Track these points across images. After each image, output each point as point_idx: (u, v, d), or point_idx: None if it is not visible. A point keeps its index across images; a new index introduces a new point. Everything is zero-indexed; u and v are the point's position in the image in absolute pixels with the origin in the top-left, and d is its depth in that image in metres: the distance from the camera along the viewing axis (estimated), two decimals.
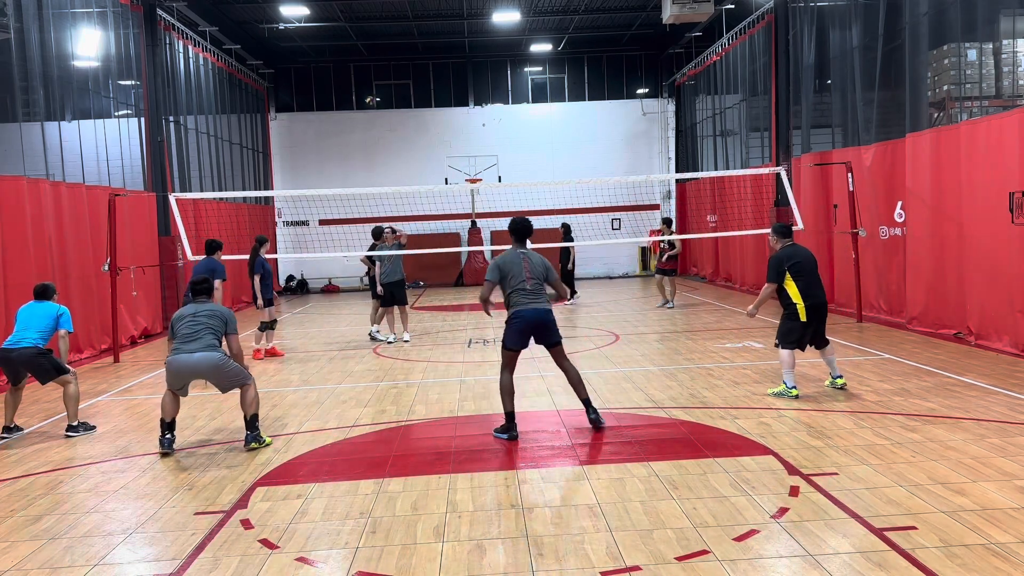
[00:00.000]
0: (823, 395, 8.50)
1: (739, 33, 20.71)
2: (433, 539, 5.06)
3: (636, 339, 13.00)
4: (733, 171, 20.08)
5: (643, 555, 4.66)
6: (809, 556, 4.54)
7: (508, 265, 7.38)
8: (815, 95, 17.27)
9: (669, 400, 8.59)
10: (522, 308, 7.31)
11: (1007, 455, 6.19)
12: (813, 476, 5.89)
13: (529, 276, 7.33)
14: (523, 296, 7.32)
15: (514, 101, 27.83)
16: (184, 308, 7.57)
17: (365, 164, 26.95)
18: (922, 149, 12.41)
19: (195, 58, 20.16)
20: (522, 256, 7.44)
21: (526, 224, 7.61)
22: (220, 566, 4.78)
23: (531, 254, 7.49)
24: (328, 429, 7.98)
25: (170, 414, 7.28)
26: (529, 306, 7.31)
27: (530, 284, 7.33)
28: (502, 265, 7.39)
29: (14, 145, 12.73)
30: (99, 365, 12.80)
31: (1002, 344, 10.54)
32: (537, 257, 7.51)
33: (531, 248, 7.68)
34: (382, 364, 11.82)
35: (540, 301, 7.38)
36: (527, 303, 7.31)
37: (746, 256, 20.38)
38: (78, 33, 15.21)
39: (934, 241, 12.18)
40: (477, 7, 22.66)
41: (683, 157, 27.09)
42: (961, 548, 4.55)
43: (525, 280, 7.32)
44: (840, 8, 15.82)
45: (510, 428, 7.33)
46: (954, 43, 12.49)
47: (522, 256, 7.44)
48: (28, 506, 6.04)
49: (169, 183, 17.51)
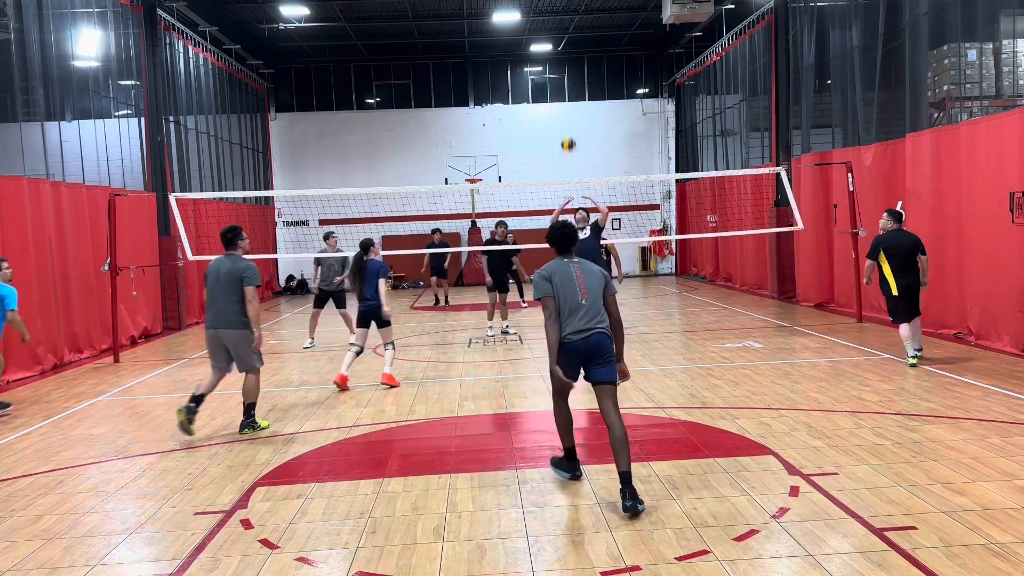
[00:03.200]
0: (823, 395, 8.51)
1: (739, 33, 20.70)
2: (433, 539, 5.06)
3: (636, 339, 13.00)
4: (733, 171, 20.08)
5: (643, 555, 4.66)
6: (809, 556, 4.54)
7: (559, 276, 5.80)
8: (815, 95, 17.27)
9: (669, 400, 8.59)
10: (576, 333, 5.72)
11: (1007, 455, 6.18)
12: (813, 476, 5.89)
13: (584, 291, 5.78)
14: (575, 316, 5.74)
15: (514, 101, 27.83)
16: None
17: (365, 164, 26.95)
18: (922, 149, 12.41)
19: (195, 58, 20.16)
20: (574, 266, 5.87)
21: (568, 230, 6.00)
22: (220, 566, 4.78)
23: (584, 263, 5.95)
24: (328, 429, 7.98)
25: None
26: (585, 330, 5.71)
27: (585, 300, 5.76)
28: (552, 275, 5.80)
29: (14, 145, 12.73)
30: (99, 365, 12.80)
31: (1002, 344, 10.54)
32: (591, 266, 5.97)
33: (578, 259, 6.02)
34: (382, 364, 11.80)
35: (597, 323, 5.76)
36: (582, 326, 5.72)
37: (746, 256, 20.37)
38: (78, 33, 15.21)
39: (934, 241, 12.16)
40: (477, 7, 22.65)
41: (683, 157, 27.09)
42: (961, 548, 4.55)
43: (580, 295, 5.76)
44: (840, 8, 15.81)
45: (570, 467, 6.16)
46: (954, 43, 12.48)
47: (574, 266, 5.87)
48: (28, 506, 6.04)
49: (169, 183, 17.50)
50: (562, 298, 5.75)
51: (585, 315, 5.72)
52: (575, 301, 5.74)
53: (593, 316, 5.75)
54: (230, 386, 10.49)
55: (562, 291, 5.75)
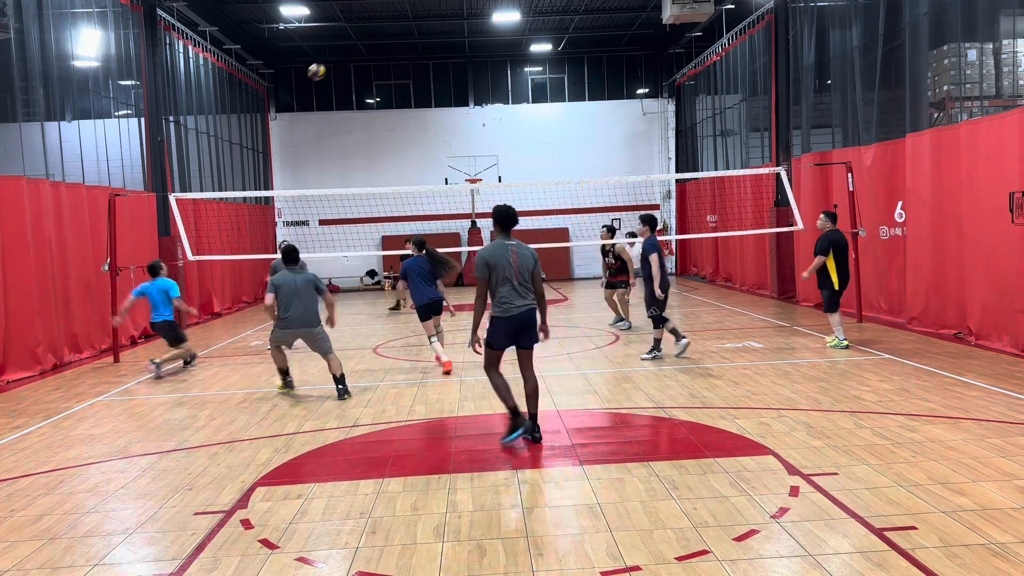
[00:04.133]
0: (823, 395, 8.51)
1: (739, 33, 20.71)
2: (433, 539, 5.06)
3: (636, 339, 13.00)
4: (733, 171, 20.08)
5: (643, 555, 4.66)
6: (809, 556, 4.54)
7: (495, 259, 6.82)
8: (815, 95, 17.27)
9: (669, 400, 8.59)
10: (511, 308, 6.84)
11: (1007, 455, 6.18)
12: (813, 476, 5.89)
13: (517, 273, 6.83)
14: (510, 293, 6.83)
15: (514, 101, 27.83)
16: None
17: (365, 164, 26.95)
18: (922, 149, 12.41)
19: (195, 58, 20.16)
20: (511, 248, 6.89)
21: (511, 212, 6.99)
22: (220, 566, 4.78)
23: (520, 246, 6.95)
24: (328, 429, 7.97)
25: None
26: (518, 306, 6.85)
27: (517, 281, 6.84)
28: (489, 259, 6.83)
29: (14, 145, 12.73)
30: (99, 365, 12.80)
31: (1002, 344, 10.54)
32: (526, 249, 6.96)
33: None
34: (382, 364, 11.82)
35: (529, 300, 6.91)
36: (514, 301, 6.83)
37: (746, 256, 20.37)
38: (78, 33, 15.21)
39: (934, 241, 12.18)
40: (477, 7, 22.65)
41: (683, 157, 27.09)
42: (961, 548, 4.55)
43: (513, 276, 6.81)
44: (840, 8, 15.81)
45: (517, 425, 6.98)
46: (954, 43, 12.48)
47: (511, 248, 6.89)
48: (28, 506, 6.04)
49: (169, 183, 17.51)
50: (499, 279, 6.80)
51: (517, 294, 6.83)
52: (509, 281, 6.81)
53: (524, 294, 6.88)
54: (230, 386, 10.51)
55: (498, 273, 6.80)
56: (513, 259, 6.84)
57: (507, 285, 6.83)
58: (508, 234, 7.01)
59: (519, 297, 6.85)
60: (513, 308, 6.84)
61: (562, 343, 12.77)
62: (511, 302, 6.84)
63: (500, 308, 6.88)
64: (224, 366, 12.25)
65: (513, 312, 6.84)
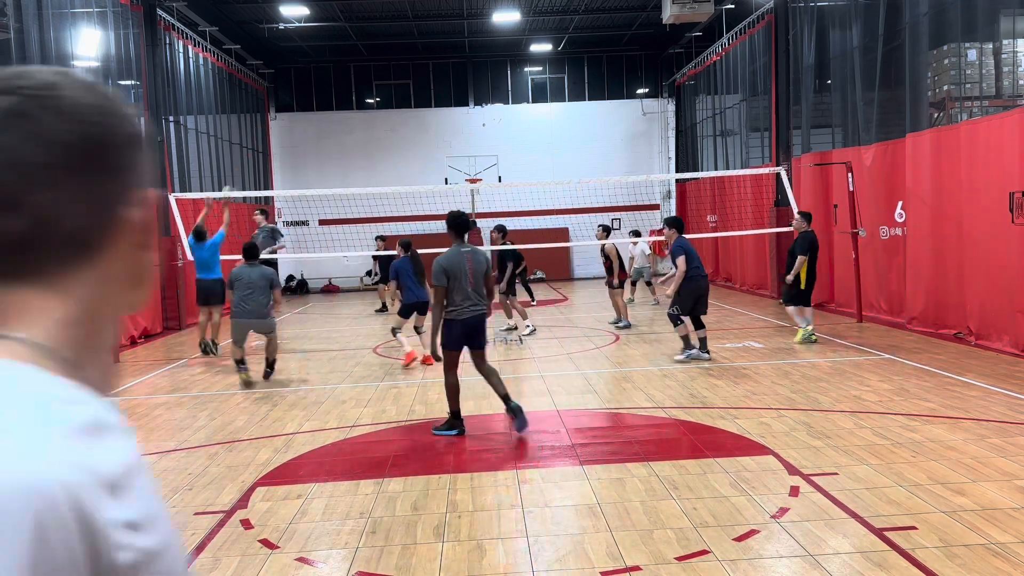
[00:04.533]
0: (823, 395, 8.51)
1: (739, 33, 20.70)
2: (433, 539, 5.06)
3: (636, 339, 13.00)
4: (733, 171, 20.07)
5: (643, 555, 4.65)
6: (809, 556, 4.54)
7: (453, 267, 7.18)
8: (815, 95, 17.27)
9: (669, 400, 8.59)
10: (464, 311, 7.24)
11: (1007, 455, 6.18)
12: (813, 476, 5.89)
13: (472, 280, 7.22)
14: (464, 299, 7.23)
15: (514, 101, 27.82)
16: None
17: (365, 164, 26.93)
18: (922, 149, 12.41)
19: (195, 58, 20.15)
20: (466, 255, 7.27)
21: (464, 218, 7.45)
22: (220, 566, 4.78)
23: (475, 252, 7.35)
24: (328, 429, 7.97)
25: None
26: (471, 310, 7.27)
27: (472, 287, 7.23)
28: (447, 267, 7.17)
29: None
30: None
31: (1002, 344, 10.54)
32: (480, 255, 7.39)
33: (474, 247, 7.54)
34: (382, 364, 11.81)
35: (480, 305, 7.35)
36: (468, 307, 7.25)
37: (746, 256, 20.37)
38: (78, 33, 15.20)
39: (934, 241, 12.17)
40: (477, 7, 22.65)
41: (683, 157, 27.08)
42: (961, 548, 4.55)
43: (467, 283, 7.21)
44: (840, 8, 15.81)
45: (454, 425, 7.43)
46: (954, 43, 12.48)
47: (466, 255, 7.27)
48: None
49: (169, 183, 17.50)
50: (456, 287, 7.14)
51: (471, 298, 7.21)
52: (464, 287, 7.17)
53: (478, 299, 7.27)
54: (229, 387, 10.51)
55: (455, 281, 7.14)
56: (469, 265, 7.22)
57: (462, 291, 7.21)
58: (463, 239, 7.39)
59: (472, 302, 7.27)
60: (466, 311, 7.25)
61: (562, 343, 12.78)
62: (463, 306, 7.25)
63: (454, 312, 7.26)
64: (224, 366, 12.24)
65: (466, 315, 7.25)
